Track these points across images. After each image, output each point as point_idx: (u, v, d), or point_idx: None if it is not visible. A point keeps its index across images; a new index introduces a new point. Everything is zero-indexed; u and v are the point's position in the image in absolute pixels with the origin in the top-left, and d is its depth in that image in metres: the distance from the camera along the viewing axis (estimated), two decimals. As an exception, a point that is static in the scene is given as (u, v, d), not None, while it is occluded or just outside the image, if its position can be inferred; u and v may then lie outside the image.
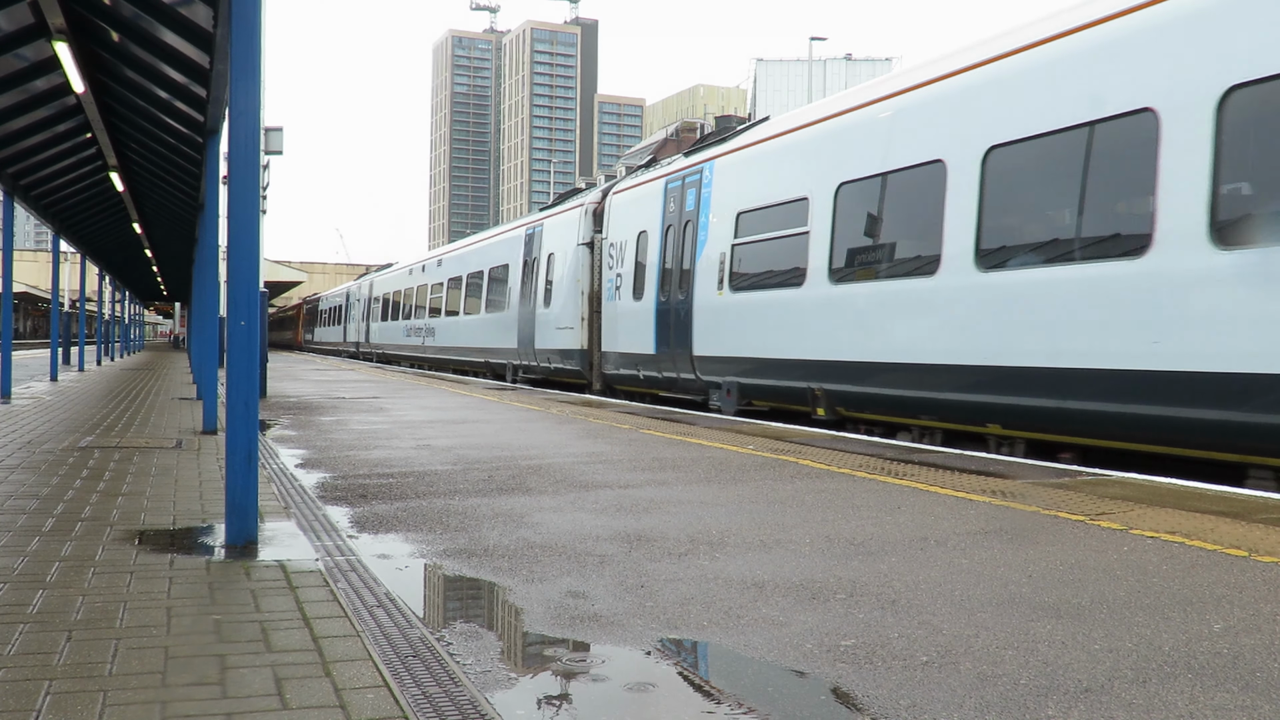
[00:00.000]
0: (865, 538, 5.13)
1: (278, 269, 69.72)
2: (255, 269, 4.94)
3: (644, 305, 15.91)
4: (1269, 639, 3.42)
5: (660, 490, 6.67)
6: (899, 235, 10.58)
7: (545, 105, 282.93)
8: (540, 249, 21.07)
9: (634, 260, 16.46)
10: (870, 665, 3.16)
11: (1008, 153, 9.05)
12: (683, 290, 14.62)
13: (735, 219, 13.32)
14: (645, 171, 17.41)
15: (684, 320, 14.47)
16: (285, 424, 11.35)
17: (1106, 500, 6.25)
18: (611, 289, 17.35)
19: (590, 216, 18.88)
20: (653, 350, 15.55)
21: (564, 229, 19.84)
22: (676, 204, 15.18)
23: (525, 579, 4.28)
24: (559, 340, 19.47)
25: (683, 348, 14.51)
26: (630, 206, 17.06)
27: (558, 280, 19.67)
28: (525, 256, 22.06)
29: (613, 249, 17.47)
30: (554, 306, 19.75)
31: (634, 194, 17.08)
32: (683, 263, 14.71)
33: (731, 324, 13.20)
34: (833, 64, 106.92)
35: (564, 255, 19.49)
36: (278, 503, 6.03)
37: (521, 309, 21.75)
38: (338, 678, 2.98)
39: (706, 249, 14.01)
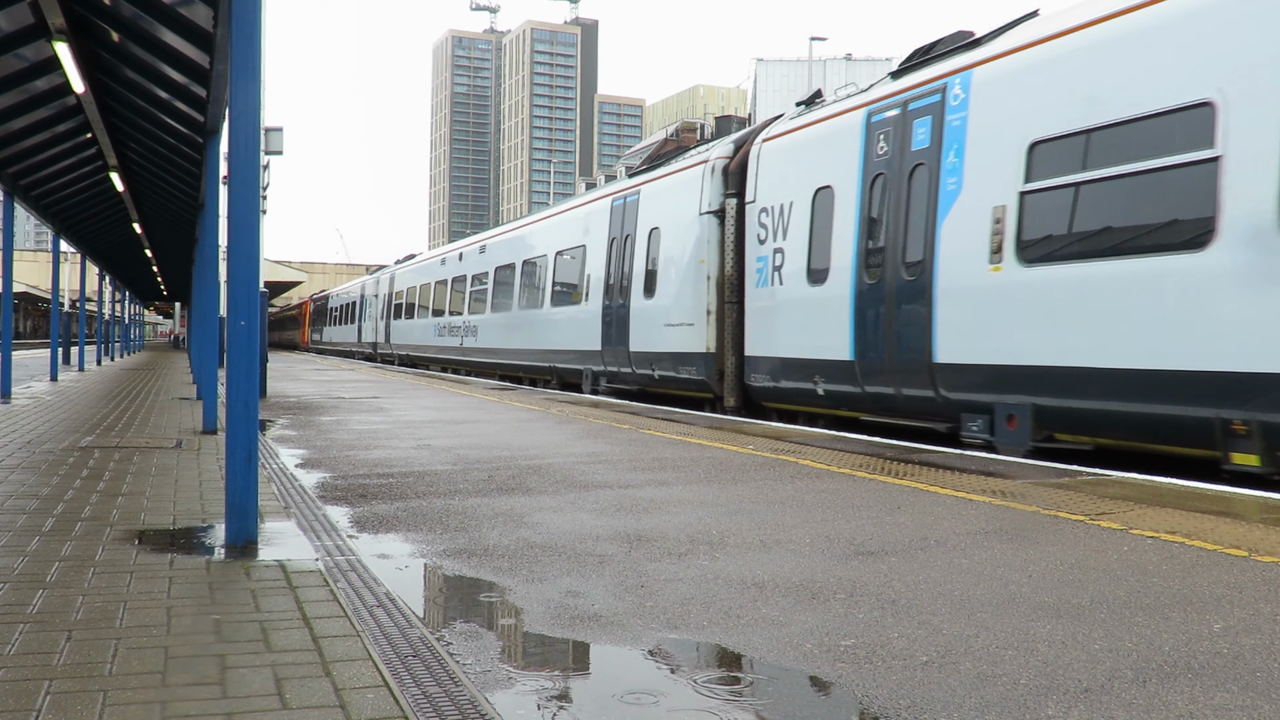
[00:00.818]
0: (865, 538, 5.13)
1: (278, 269, 69.77)
2: (255, 269, 4.94)
3: (829, 291, 11.57)
4: (1269, 639, 3.42)
5: (660, 490, 6.67)
6: None
7: (545, 105, 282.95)
8: (635, 223, 16.75)
9: (807, 228, 12.08)
10: (870, 665, 3.16)
11: None
12: (911, 267, 10.30)
13: (1027, 153, 9.04)
14: (819, 106, 12.80)
15: (913, 312, 10.19)
16: (285, 424, 11.35)
17: (1107, 500, 6.24)
18: (765, 271, 12.92)
19: (719, 176, 14.33)
20: (848, 355, 11.16)
21: (675, 195, 15.49)
22: (892, 142, 10.81)
23: (525, 579, 4.28)
24: (668, 341, 15.14)
25: (910, 352, 10.19)
26: (799, 155, 12.54)
27: (665, 262, 15.43)
28: (612, 234, 17.65)
29: (766, 216, 13.02)
30: (659, 297, 15.48)
31: (805, 137, 12.49)
32: (907, 227, 10.41)
33: (1019, 314, 8.99)
34: (833, 64, 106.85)
35: (676, 229, 15.22)
36: (278, 503, 6.02)
37: (606, 301, 17.43)
38: (338, 677, 2.98)
39: (960, 203, 9.70)
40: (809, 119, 12.57)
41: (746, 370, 13.34)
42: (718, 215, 14.19)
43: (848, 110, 11.69)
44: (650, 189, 16.50)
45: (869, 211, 11.06)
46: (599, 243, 18.10)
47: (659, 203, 16.02)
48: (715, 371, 14.03)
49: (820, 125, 12.20)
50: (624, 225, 17.15)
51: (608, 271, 17.56)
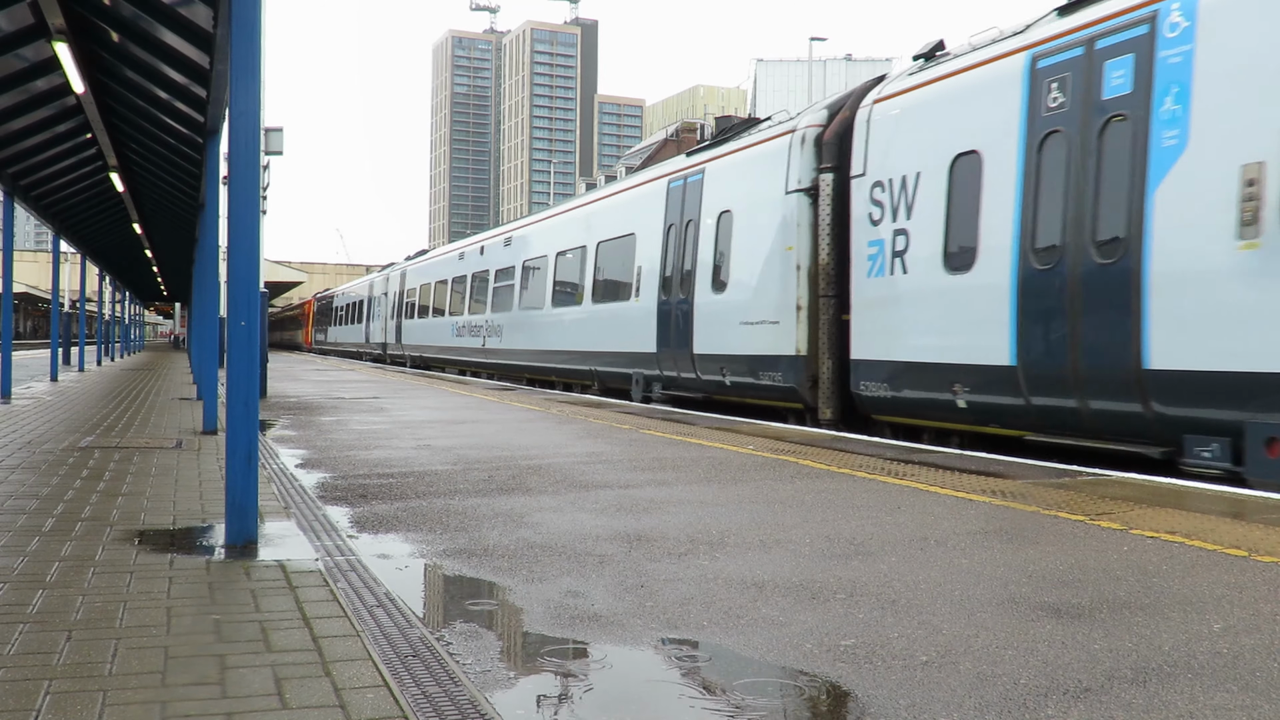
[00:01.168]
0: (865, 538, 5.13)
1: (278, 269, 69.77)
2: (255, 269, 4.94)
3: (977, 279, 9.46)
4: (1269, 639, 3.42)
5: (660, 490, 6.67)
6: None
7: (545, 105, 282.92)
8: (699, 207, 14.63)
9: (942, 204, 9.97)
10: (870, 665, 3.16)
11: None
12: (1106, 246, 8.23)
13: None
14: (946, 59, 10.57)
15: (1110, 303, 8.16)
16: (285, 424, 11.35)
17: (1107, 500, 6.24)
18: (881, 257, 10.79)
19: (810, 147, 12.25)
20: (1007, 359, 9.02)
21: (751, 172, 13.41)
22: (1070, 91, 8.66)
23: (525, 579, 4.28)
24: (743, 341, 13.09)
25: (1105, 355, 8.16)
26: (928, 116, 10.35)
27: (739, 250, 13.37)
28: (669, 220, 15.64)
29: (881, 191, 10.89)
30: (733, 291, 13.40)
31: (936, 94, 10.33)
32: (1098, 196, 8.35)
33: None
34: (833, 64, 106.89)
35: (753, 211, 13.16)
36: (278, 503, 6.02)
37: (663, 297, 15.40)
38: (338, 677, 2.98)
39: (1185, 163, 7.61)
40: (939, 72, 10.39)
41: (852, 377, 11.23)
42: (809, 193, 12.19)
43: (1000, 56, 9.52)
44: (717, 167, 14.41)
45: (1035, 179, 8.97)
46: (652, 230, 16.15)
47: (729, 182, 13.96)
48: (807, 378, 12.00)
49: (959, 78, 10.04)
50: (684, 209, 15.18)
51: (664, 263, 15.61)
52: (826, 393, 11.79)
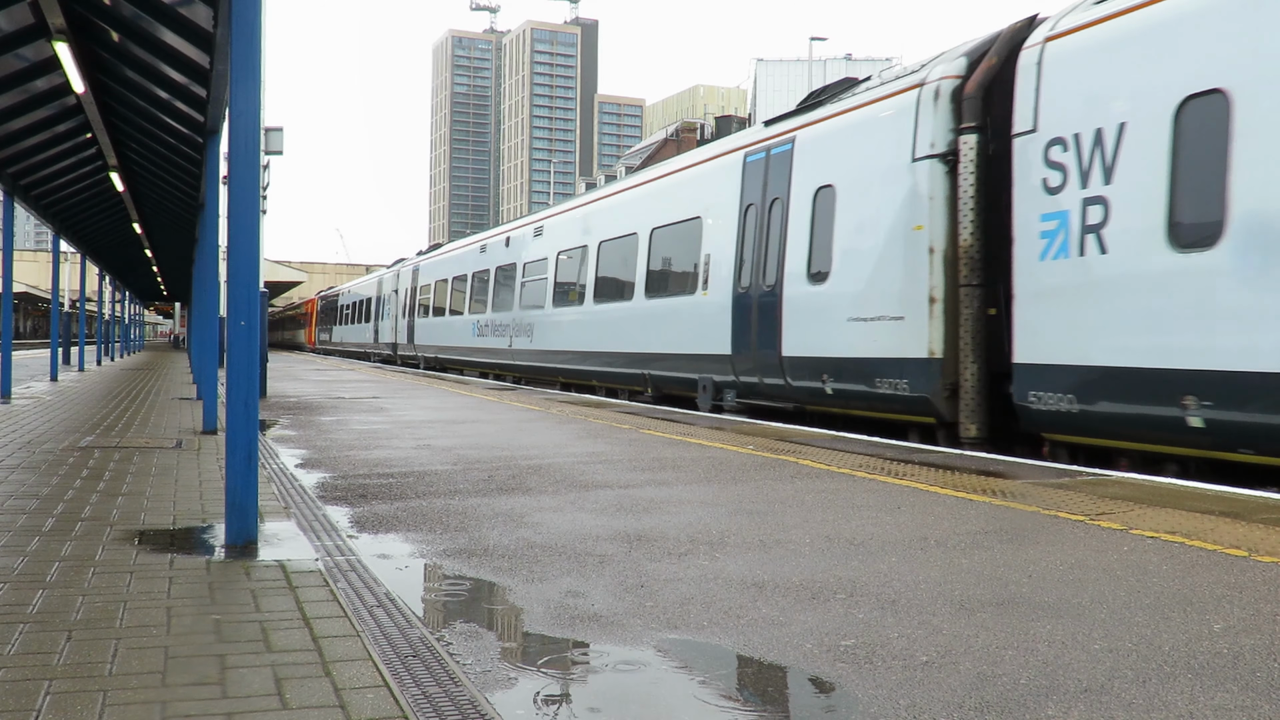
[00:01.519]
0: (865, 537, 5.13)
1: (277, 269, 69.78)
2: (255, 269, 4.94)
3: (1229, 260, 7.28)
4: (1269, 639, 3.42)
5: (660, 490, 6.67)
6: None
7: (545, 105, 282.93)
8: (788, 182, 12.45)
9: (1164, 160, 7.76)
10: (870, 665, 3.16)
11: None
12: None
13: None
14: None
15: None
16: (285, 424, 11.35)
17: (1106, 500, 6.25)
18: (1064, 233, 8.57)
19: (947, 103, 10.11)
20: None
21: (860, 138, 11.31)
22: None
23: (525, 579, 4.28)
24: (851, 342, 11.05)
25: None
26: (1138, 52, 8.06)
27: (846, 231, 11.24)
28: (746, 199, 13.45)
29: (1064, 151, 8.59)
30: (836, 281, 11.32)
31: (1150, 22, 8.05)
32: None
33: None
34: (833, 64, 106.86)
35: (863, 185, 11.08)
36: (278, 503, 6.02)
37: (739, 289, 13.23)
38: (338, 678, 2.98)
39: None
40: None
41: (1015, 386, 9.07)
42: (945, 160, 10.11)
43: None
44: (812, 135, 12.19)
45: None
46: (724, 211, 13.92)
47: (830, 151, 11.84)
48: (943, 386, 9.91)
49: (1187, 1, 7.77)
50: (767, 186, 12.91)
51: (740, 249, 13.39)
52: (970, 405, 9.66)
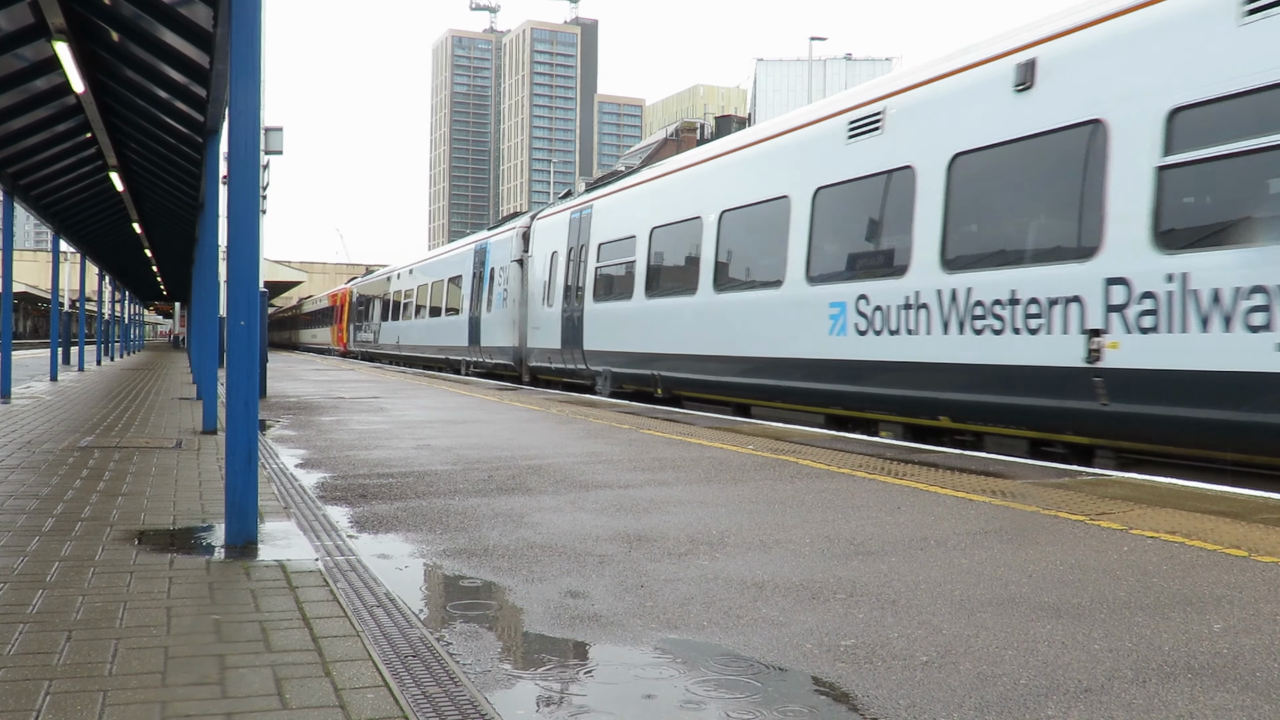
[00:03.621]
0: (865, 538, 5.13)
1: (277, 269, 69.72)
2: (255, 269, 4.94)
3: None
4: (1269, 639, 3.42)
5: (660, 490, 6.67)
6: None
7: (545, 105, 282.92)
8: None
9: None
10: (870, 665, 3.16)
11: None
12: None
13: None
14: None
15: None
16: (285, 424, 11.35)
17: (1106, 500, 6.24)
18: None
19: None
20: None
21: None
22: None
23: (525, 579, 4.28)
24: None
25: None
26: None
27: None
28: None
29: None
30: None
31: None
32: None
33: None
34: (833, 64, 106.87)
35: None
36: (278, 502, 6.02)
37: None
38: (337, 678, 2.98)
39: None
40: None
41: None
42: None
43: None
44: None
45: None
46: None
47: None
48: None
49: None
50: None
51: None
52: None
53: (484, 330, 24.11)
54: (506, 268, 22.09)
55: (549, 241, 20.07)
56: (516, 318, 21.40)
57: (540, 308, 19.82)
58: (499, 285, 22.84)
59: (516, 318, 21.40)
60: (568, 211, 19.48)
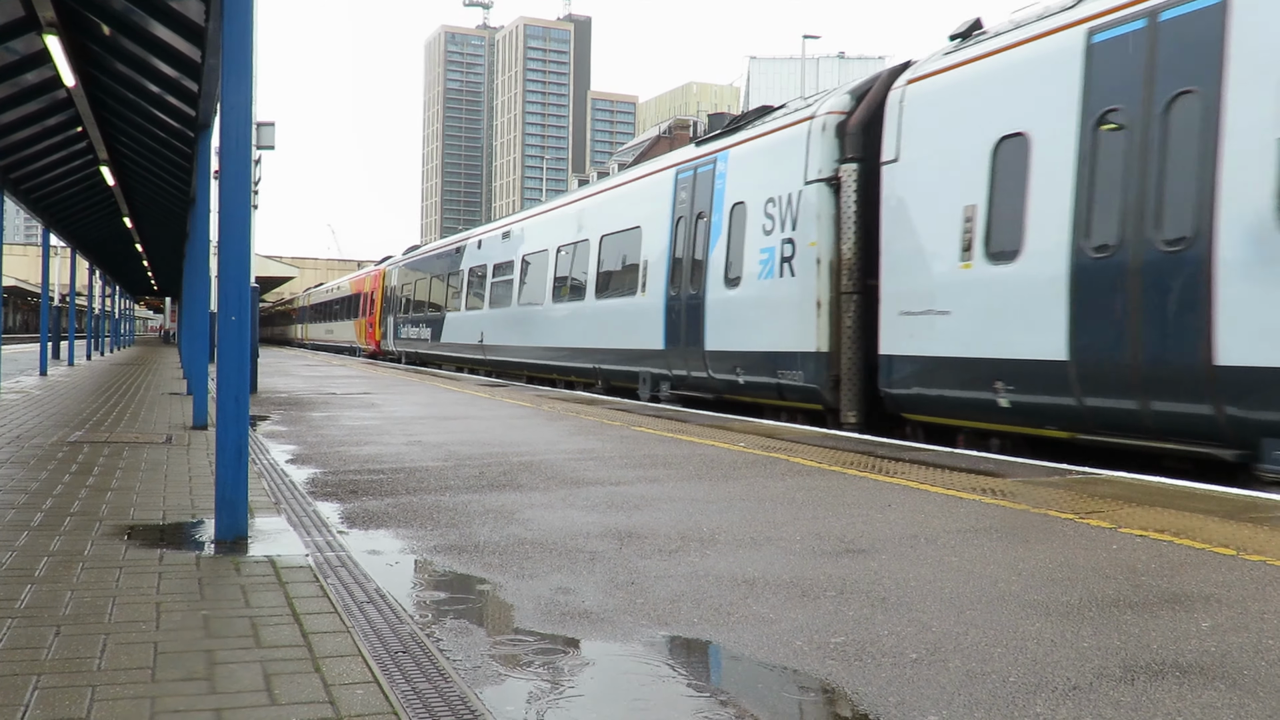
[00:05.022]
0: (856, 535, 5.13)
1: (268, 264, 69.52)
2: (246, 264, 4.93)
3: None
4: (1257, 637, 3.43)
5: (651, 487, 6.67)
6: None
7: (538, 102, 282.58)
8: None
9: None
10: (860, 662, 3.17)
11: None
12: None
13: None
14: None
15: None
16: (276, 419, 11.32)
17: (1096, 499, 6.26)
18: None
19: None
20: None
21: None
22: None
23: (516, 575, 4.28)
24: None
25: None
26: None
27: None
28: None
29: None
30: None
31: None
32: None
33: None
34: (825, 62, 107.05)
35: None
36: (268, 498, 6.01)
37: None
38: (327, 673, 2.98)
39: None
40: None
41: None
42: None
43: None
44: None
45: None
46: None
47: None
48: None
49: None
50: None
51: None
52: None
53: (713, 322, 13.67)
54: (785, 199, 12.26)
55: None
56: (819, 294, 11.56)
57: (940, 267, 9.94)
58: (757, 234, 12.84)
59: (819, 294, 11.56)
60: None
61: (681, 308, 14.40)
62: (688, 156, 15.09)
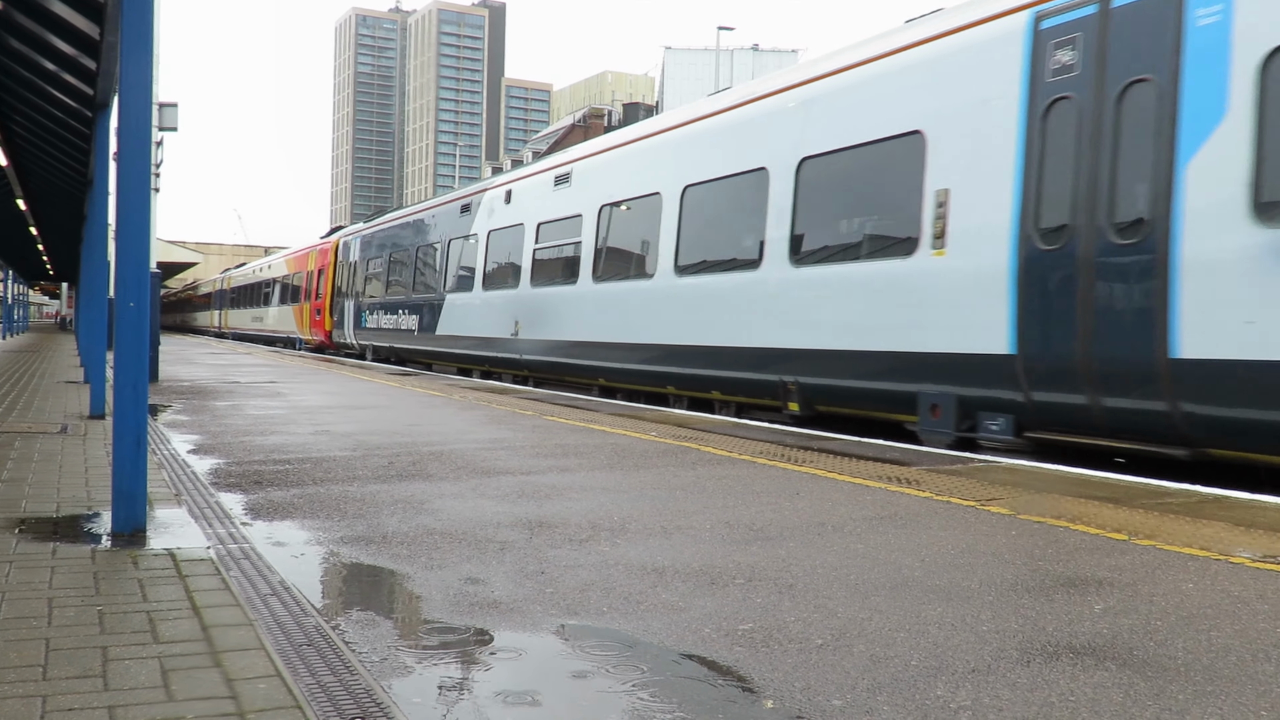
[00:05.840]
0: (765, 523, 5.19)
1: (171, 249, 67.62)
2: (146, 248, 4.80)
3: None
4: (1146, 619, 3.56)
5: (562, 477, 6.66)
6: None
7: (452, 88, 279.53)
8: None
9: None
10: (767, 649, 3.21)
11: None
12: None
13: None
14: None
15: None
16: (177, 409, 11.04)
17: (996, 486, 6.42)
18: None
19: None
20: None
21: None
22: None
23: (424, 566, 4.24)
24: None
25: None
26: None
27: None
28: None
29: None
30: None
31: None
32: None
33: None
34: (740, 54, 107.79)
35: None
36: (168, 489, 5.86)
37: None
38: (228, 668, 2.92)
39: None
40: None
41: None
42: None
43: None
44: None
45: None
46: None
47: None
48: None
49: None
50: None
51: None
52: None
53: (1211, 299, 6.92)
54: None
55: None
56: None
57: None
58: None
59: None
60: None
61: (1073, 271, 7.72)
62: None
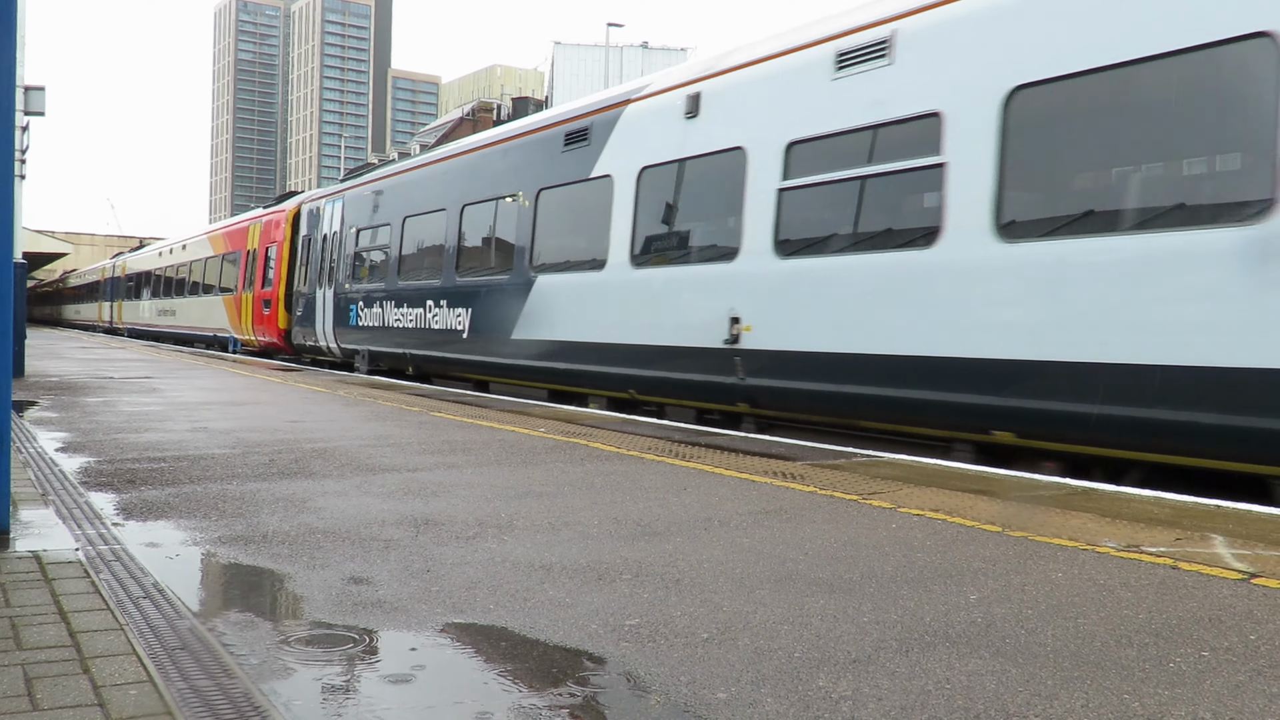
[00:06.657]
0: (652, 519, 5.22)
1: (39, 239, 64.52)
2: (9, 237, 4.59)
3: None
4: (1018, 608, 3.68)
5: (449, 473, 6.59)
6: None
7: (336, 78, 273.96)
8: None
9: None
10: (653, 644, 3.23)
11: None
12: None
13: None
14: None
15: None
16: (45, 405, 10.59)
17: (878, 480, 6.58)
18: None
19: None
20: None
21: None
22: None
23: (306, 565, 4.15)
24: None
25: None
26: None
27: None
28: None
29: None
30: None
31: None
32: None
33: None
34: (629, 51, 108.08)
35: None
36: (34, 489, 5.62)
37: None
38: (97, 674, 2.81)
39: None
40: None
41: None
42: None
43: None
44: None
45: None
46: None
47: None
48: None
49: None
50: None
51: None
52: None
53: None
54: None
55: None
56: None
57: None
58: None
59: None
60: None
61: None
62: None
